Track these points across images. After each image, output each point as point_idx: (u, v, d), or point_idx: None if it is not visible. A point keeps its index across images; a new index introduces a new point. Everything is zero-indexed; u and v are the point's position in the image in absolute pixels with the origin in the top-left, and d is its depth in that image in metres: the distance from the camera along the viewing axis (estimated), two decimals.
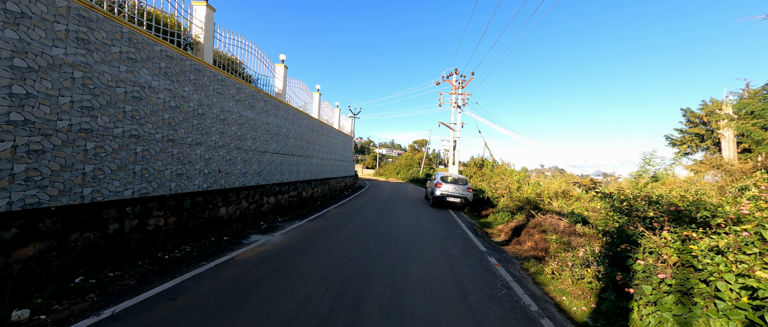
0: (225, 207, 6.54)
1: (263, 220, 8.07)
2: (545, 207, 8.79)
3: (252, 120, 7.85)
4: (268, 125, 8.72)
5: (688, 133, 16.60)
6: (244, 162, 7.40)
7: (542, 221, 7.06)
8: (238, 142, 7.18)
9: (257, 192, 7.95)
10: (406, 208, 11.46)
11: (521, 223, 7.83)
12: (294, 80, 11.28)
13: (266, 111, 8.67)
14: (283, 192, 9.54)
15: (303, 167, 11.38)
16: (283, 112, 9.82)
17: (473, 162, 21.10)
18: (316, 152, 13.06)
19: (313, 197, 12.28)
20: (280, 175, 9.38)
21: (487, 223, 9.27)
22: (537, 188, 9.29)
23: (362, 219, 8.34)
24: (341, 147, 17.75)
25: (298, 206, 10.43)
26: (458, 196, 11.55)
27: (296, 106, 11.76)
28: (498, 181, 11.44)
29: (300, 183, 11.02)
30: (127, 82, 4.36)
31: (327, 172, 14.46)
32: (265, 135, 8.58)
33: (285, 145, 9.89)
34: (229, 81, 6.84)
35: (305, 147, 11.72)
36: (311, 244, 5.42)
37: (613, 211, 4.39)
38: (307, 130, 11.95)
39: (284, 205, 9.54)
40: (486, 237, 7.46)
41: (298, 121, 11.06)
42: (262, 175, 8.26)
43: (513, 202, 9.61)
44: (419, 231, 7.25)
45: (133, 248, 4.37)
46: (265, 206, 8.37)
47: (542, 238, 6.17)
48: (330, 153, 15.13)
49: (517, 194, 9.44)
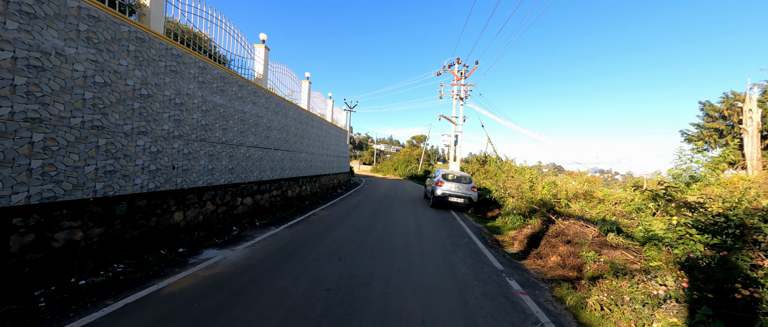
0: (181, 211, 5.34)
1: (237, 224, 6.89)
2: (562, 210, 7.67)
3: (221, 107, 6.63)
4: (243, 114, 7.50)
5: (707, 128, 15.56)
6: (210, 157, 6.19)
7: (566, 229, 5.92)
8: (202, 132, 5.96)
9: (228, 192, 6.75)
10: (403, 208, 10.31)
11: (538, 230, 6.70)
12: (278, 65, 10.02)
13: (241, 97, 7.45)
14: (264, 191, 8.34)
15: (289, 163, 10.18)
16: (264, 100, 8.59)
17: (475, 158, 19.96)
18: (305, 147, 11.85)
19: (301, 196, 11.10)
20: (259, 172, 8.18)
21: (495, 228, 8.14)
22: (553, 188, 8.16)
23: (352, 223, 7.17)
24: (335, 142, 16.54)
25: (281, 207, 9.24)
26: (462, 196, 10.40)
27: (282, 94, 10.52)
28: (506, 179, 10.29)
29: (285, 181, 9.82)
30: (19, 45, 3.13)
31: (318, 169, 13.27)
32: (240, 125, 7.36)
33: (266, 138, 8.68)
34: (190, 58, 5.60)
35: (292, 140, 10.51)
36: (280, 262, 4.23)
37: (700, 232, 3.22)
38: (294, 122, 10.72)
39: (264, 206, 8.35)
40: (497, 247, 6.32)
41: (283, 112, 9.82)
42: (235, 173, 7.06)
43: (524, 204, 8.47)
44: (419, 240, 6.10)
45: (28, 273, 3.18)
46: (239, 208, 7.18)
47: (570, 252, 5.04)
48: (321, 148, 13.92)
49: (529, 195, 8.31)
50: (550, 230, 6.19)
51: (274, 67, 9.70)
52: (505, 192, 9.42)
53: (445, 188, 10.57)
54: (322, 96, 14.79)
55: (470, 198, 10.42)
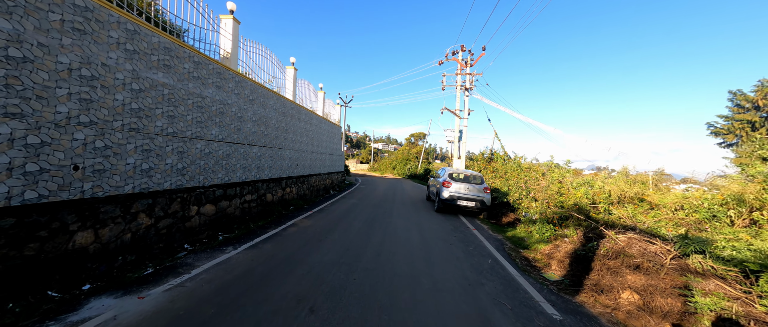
0: (90, 231, 3.74)
1: (191, 240, 5.31)
2: (600, 216, 6.14)
3: (166, 88, 5.02)
4: (202, 99, 5.90)
5: (738, 120, 14.10)
6: (145, 153, 4.59)
7: (625, 246, 4.38)
8: (132, 119, 4.37)
9: (176, 199, 5.16)
10: (404, 214, 8.75)
11: (579, 246, 5.16)
12: (254, 44, 8.41)
13: (199, 78, 5.85)
14: (232, 196, 6.75)
15: (268, 162, 8.58)
16: (234, 85, 6.99)
17: (480, 156, 18.44)
18: (290, 143, 10.25)
19: (285, 201, 9.50)
20: (226, 172, 6.59)
21: (519, 240, 6.58)
22: (589, 189, 6.63)
23: (341, 238, 5.59)
24: (327, 138, 14.95)
25: (258, 214, 7.65)
26: (473, 199, 8.86)
27: (260, 80, 8.92)
28: (528, 179, 8.73)
29: (263, 183, 8.23)
30: None
31: (306, 168, 11.68)
32: (197, 113, 5.76)
33: (237, 130, 7.08)
34: (109, 15, 3.99)
35: (272, 135, 8.91)
36: (209, 322, 2.63)
37: None
38: (275, 114, 9.12)
39: (233, 214, 6.76)
40: (532, 270, 4.77)
41: (261, 100, 8.22)
42: (188, 174, 5.46)
43: (552, 209, 6.94)
44: (428, 264, 4.54)
45: None
46: (195, 220, 5.59)
47: (649, 286, 3.51)
48: (310, 144, 12.33)
49: (559, 198, 6.78)
50: (601, 248, 4.65)
51: (248, 46, 8.08)
52: (528, 195, 7.88)
53: (454, 190, 9.02)
54: (311, 86, 13.19)
55: (483, 201, 8.89)
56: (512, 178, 12.30)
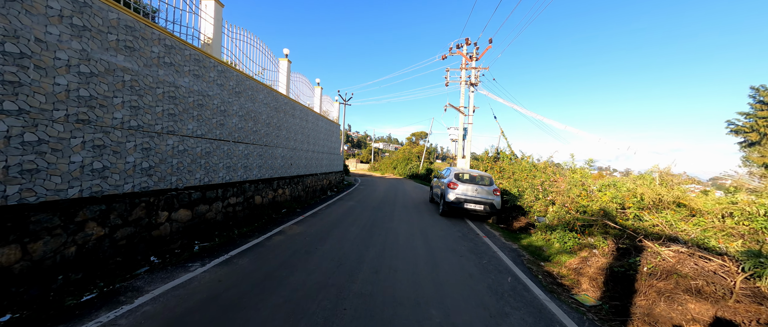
0: (11, 247, 2.99)
1: (159, 251, 4.58)
2: (630, 223, 5.37)
3: (127, 73, 4.26)
4: (175, 89, 5.14)
5: (762, 117, 13.24)
6: (97, 149, 3.84)
7: (677, 263, 3.61)
8: (78, 108, 3.62)
9: (140, 204, 4.40)
10: (406, 219, 7.98)
11: (613, 260, 4.38)
12: (241, 31, 7.65)
13: (172, 64, 5.09)
14: (213, 200, 5.99)
15: (257, 160, 7.83)
16: (216, 74, 6.24)
17: (486, 154, 17.65)
18: (283, 140, 9.50)
19: (276, 203, 8.75)
20: (205, 172, 5.84)
21: (537, 250, 5.80)
22: (615, 192, 5.85)
23: (333, 249, 4.83)
24: (324, 136, 14.19)
25: (244, 219, 6.91)
26: (481, 202, 8.08)
27: (250, 72, 8.18)
28: (545, 180, 7.93)
29: (251, 184, 7.48)
30: None
31: (301, 168, 10.93)
32: (169, 105, 5.01)
33: (220, 125, 6.34)
34: None
35: (263, 132, 8.16)
36: None
37: None
38: (266, 108, 8.37)
39: (214, 220, 6.01)
40: (560, 290, 4.00)
41: (249, 93, 7.47)
42: (157, 174, 4.71)
43: (573, 214, 6.17)
44: (436, 283, 3.77)
45: None
46: (165, 227, 4.83)
47: (722, 320, 2.73)
48: (306, 142, 11.57)
49: (583, 202, 6.00)
50: (644, 264, 3.87)
51: (234, 32, 7.33)
52: (545, 197, 7.10)
53: (460, 192, 8.24)
54: (307, 81, 12.43)
55: (492, 204, 8.11)
56: (522, 179, 11.53)
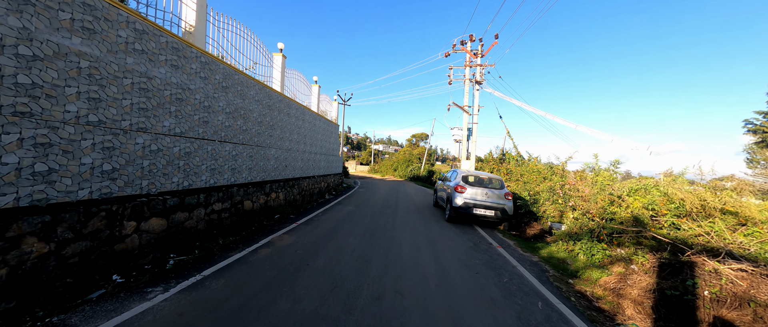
0: None
1: (123, 268, 3.92)
2: (665, 232, 4.69)
3: (84, 59, 3.61)
4: (148, 81, 4.49)
5: None
6: (41, 148, 3.18)
7: (750, 287, 2.94)
8: (16, 98, 2.96)
9: (99, 213, 3.73)
10: (410, 225, 7.31)
11: (659, 279, 3.72)
12: (230, 20, 7.01)
13: (143, 52, 4.44)
14: (193, 206, 5.32)
15: (247, 162, 7.17)
16: (198, 66, 5.59)
17: (490, 156, 16.99)
18: (277, 140, 8.84)
19: (269, 208, 8.08)
20: (184, 174, 5.17)
21: (560, 264, 5.12)
22: (650, 198, 5.17)
23: (326, 268, 4.13)
24: (322, 136, 13.53)
25: (230, 227, 6.23)
26: (492, 207, 7.41)
27: (240, 66, 7.54)
28: (563, 184, 7.22)
29: (240, 187, 6.81)
30: None
31: (297, 170, 10.26)
32: (140, 98, 4.35)
33: (203, 123, 5.68)
34: None
35: (254, 130, 7.51)
36: None
37: None
38: (257, 106, 7.72)
39: (195, 229, 5.33)
40: (603, 320, 3.31)
41: (238, 88, 6.82)
42: (121, 177, 4.04)
43: (596, 221, 5.50)
44: (454, 316, 3.09)
45: None
46: (131, 240, 4.15)
47: None
48: (302, 143, 10.91)
49: (610, 209, 5.33)
50: (702, 288, 3.20)
51: (221, 22, 6.69)
52: (565, 203, 6.41)
53: (468, 196, 7.56)
54: (303, 78, 11.78)
55: (504, 209, 7.43)
56: (532, 182, 10.87)
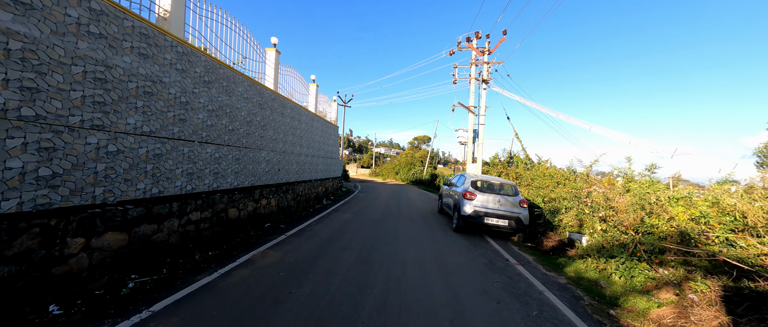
0: None
1: (66, 296, 3.21)
2: (716, 248, 3.93)
3: (16, 40, 2.91)
4: (107, 70, 3.80)
5: None
6: None
7: None
8: None
9: (30, 230, 3.01)
10: (414, 237, 6.55)
11: (732, 314, 2.95)
12: (215, 9, 6.34)
13: (102, 36, 3.76)
14: (163, 216, 4.60)
15: (233, 165, 6.46)
16: (174, 57, 4.92)
17: (495, 158, 16.22)
18: (269, 142, 8.14)
19: (258, 216, 7.35)
20: (153, 180, 4.46)
21: (591, 286, 4.34)
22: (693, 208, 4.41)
23: (312, 298, 3.37)
24: (320, 138, 12.84)
25: (211, 239, 5.51)
26: (506, 216, 6.64)
27: (228, 61, 6.87)
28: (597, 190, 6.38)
29: (223, 194, 6.10)
30: None
31: (291, 174, 9.54)
32: (95, 90, 3.66)
33: (179, 121, 4.99)
34: None
35: (242, 130, 6.81)
36: None
37: None
38: (246, 104, 7.03)
39: (166, 243, 4.61)
40: None
41: (223, 84, 6.13)
42: (66, 185, 3.33)
43: (630, 235, 4.73)
44: None
45: None
46: (77, 261, 3.43)
47: None
48: (298, 145, 10.21)
49: (650, 221, 4.56)
50: None
51: (203, 9, 6.02)
52: (594, 214, 5.62)
53: (479, 204, 6.80)
54: (300, 76, 11.11)
55: (518, 218, 6.66)
56: (544, 187, 10.10)
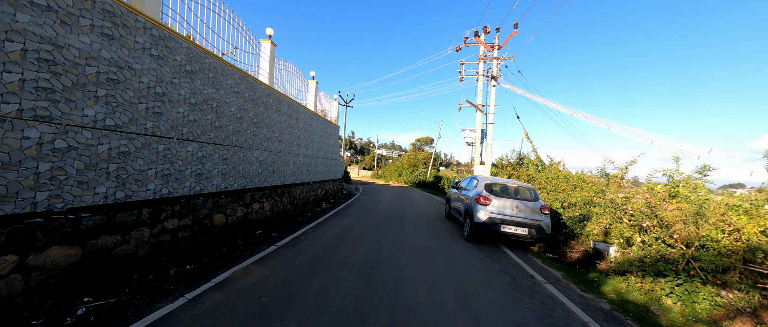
0: None
1: None
2: None
3: None
4: (56, 51, 3.14)
5: None
6: None
7: None
8: None
9: None
10: (422, 247, 5.84)
11: None
12: None
13: (50, 9, 3.10)
14: (129, 226, 3.92)
15: (219, 166, 5.79)
16: (148, 41, 4.27)
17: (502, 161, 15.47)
18: (263, 141, 7.47)
19: (249, 221, 6.67)
20: (116, 183, 3.78)
21: (643, 312, 3.60)
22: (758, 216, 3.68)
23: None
24: (320, 138, 12.16)
25: (191, 249, 4.82)
26: (525, 224, 5.91)
27: (216, 50, 6.23)
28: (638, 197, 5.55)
29: (207, 198, 5.42)
30: None
31: (288, 175, 8.86)
32: (41, 74, 3.00)
33: (154, 115, 4.33)
34: None
35: (231, 127, 6.15)
36: None
37: None
38: (237, 98, 6.38)
39: (133, 256, 3.92)
40: None
41: (208, 75, 5.47)
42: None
43: (678, 249, 3.99)
44: None
45: None
46: (2, 284, 2.74)
47: None
48: (296, 145, 9.53)
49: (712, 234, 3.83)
50: None
51: None
52: (633, 223, 4.85)
53: (495, 210, 6.07)
54: (298, 72, 10.45)
55: (540, 227, 5.92)
56: (559, 190, 9.36)
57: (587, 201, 7.12)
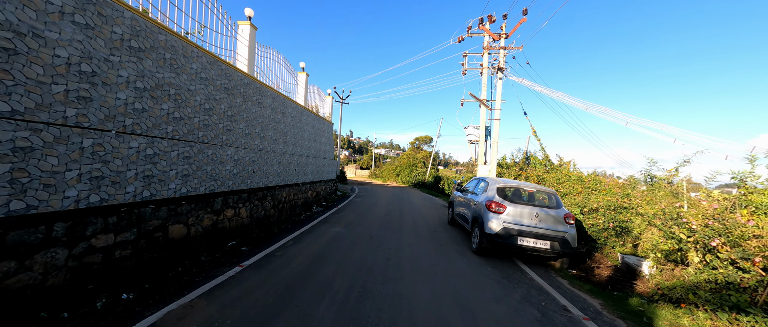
0: None
1: None
2: None
3: None
4: None
5: None
6: None
7: None
8: None
9: None
10: (423, 265, 4.87)
11: None
12: None
13: None
14: (33, 248, 2.91)
15: (180, 165, 4.78)
16: (68, 3, 3.24)
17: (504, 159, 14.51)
18: (239, 136, 6.46)
19: (220, 230, 5.67)
20: (9, 191, 2.77)
21: None
22: None
23: None
24: (311, 135, 11.15)
25: (134, 271, 3.82)
26: (547, 236, 4.95)
27: (180, 30, 5.23)
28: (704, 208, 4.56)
29: (160, 204, 4.42)
30: None
31: (271, 176, 7.86)
32: None
33: (83, 100, 3.32)
34: None
35: (196, 120, 5.13)
36: None
37: None
38: (205, 86, 5.37)
39: (41, 287, 2.92)
40: None
41: (165, 55, 4.45)
42: None
43: (756, 272, 3.01)
44: None
45: None
46: None
47: None
48: (281, 142, 8.52)
49: None
50: None
51: None
52: (701, 239, 3.89)
53: (510, 218, 5.10)
54: (285, 61, 9.43)
55: (564, 239, 4.96)
56: (573, 192, 8.43)
57: (613, 206, 6.18)
